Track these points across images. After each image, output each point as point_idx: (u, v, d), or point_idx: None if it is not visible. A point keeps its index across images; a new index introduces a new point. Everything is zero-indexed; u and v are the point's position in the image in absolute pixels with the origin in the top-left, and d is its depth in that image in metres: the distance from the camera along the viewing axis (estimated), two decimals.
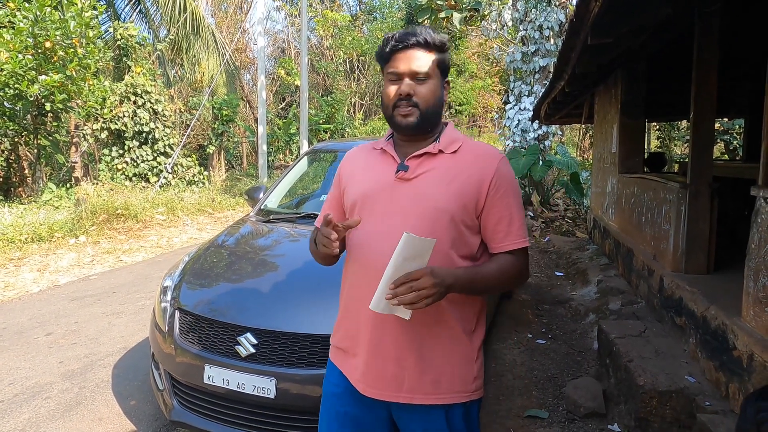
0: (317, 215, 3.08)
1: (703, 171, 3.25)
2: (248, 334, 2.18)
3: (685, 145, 14.11)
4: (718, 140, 9.22)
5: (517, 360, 3.65)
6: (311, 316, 2.20)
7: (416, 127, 1.35)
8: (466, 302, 1.37)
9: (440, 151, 1.37)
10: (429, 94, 1.34)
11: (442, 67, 1.38)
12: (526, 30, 9.55)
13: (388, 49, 1.34)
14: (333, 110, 18.94)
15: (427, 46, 1.33)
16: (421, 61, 1.32)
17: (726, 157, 9.91)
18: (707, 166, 3.25)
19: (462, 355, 1.37)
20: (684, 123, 13.69)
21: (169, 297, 2.56)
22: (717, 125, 9.62)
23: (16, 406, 2.89)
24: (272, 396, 2.09)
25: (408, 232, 1.17)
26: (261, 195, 3.61)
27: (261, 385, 2.10)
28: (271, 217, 3.20)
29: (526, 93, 9.82)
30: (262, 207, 3.45)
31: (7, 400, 2.96)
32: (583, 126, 16.25)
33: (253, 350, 2.15)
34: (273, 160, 16.79)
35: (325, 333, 2.13)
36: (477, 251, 1.37)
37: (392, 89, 1.34)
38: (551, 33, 9.55)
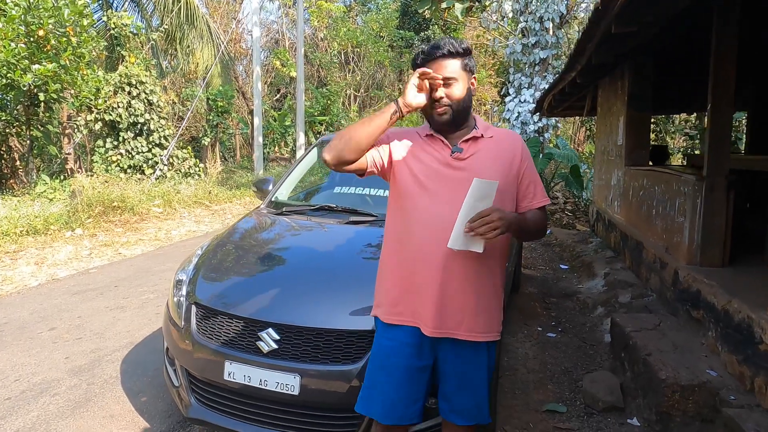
0: (331, 207, 3.05)
1: (720, 164, 3.22)
2: (270, 330, 2.11)
3: (682, 138, 14.16)
4: None
5: (530, 354, 3.63)
6: (335, 312, 2.15)
7: (450, 123, 1.66)
8: (501, 261, 1.72)
9: (482, 135, 1.69)
10: (458, 94, 1.62)
11: (468, 68, 1.65)
12: (526, 21, 9.50)
13: (419, 61, 1.63)
14: (328, 102, 18.79)
15: (451, 54, 1.61)
16: (449, 68, 1.61)
17: None
18: (724, 158, 3.23)
19: (498, 303, 1.74)
20: (679, 116, 13.72)
21: (184, 291, 2.49)
22: None
23: (24, 403, 2.81)
24: (296, 393, 2.03)
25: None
26: (270, 187, 3.53)
27: (284, 382, 2.05)
28: (284, 209, 3.13)
29: (526, 85, 9.77)
30: (272, 199, 3.38)
31: (14, 397, 2.88)
32: (578, 119, 16.23)
33: (275, 346, 2.09)
34: (268, 153, 16.65)
35: (349, 328, 2.08)
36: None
37: (435, 96, 1.62)
38: (552, 25, 9.50)
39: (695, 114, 11.87)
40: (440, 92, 1.60)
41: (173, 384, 2.45)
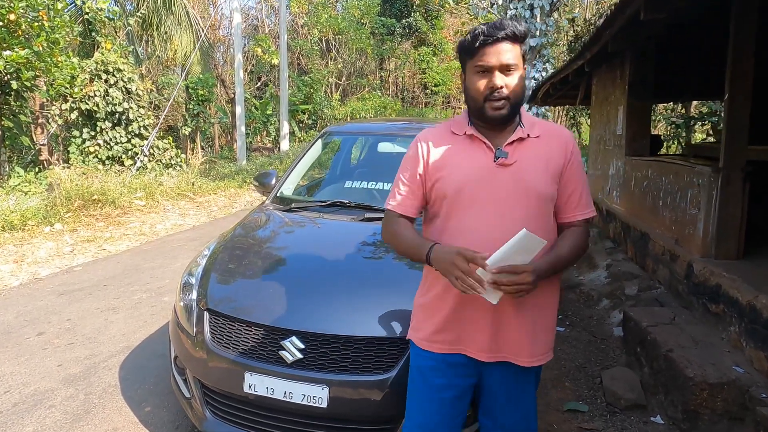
0: (343, 203, 2.90)
1: (737, 155, 3.17)
2: (293, 338, 1.98)
3: (663, 126, 14.28)
4: (707, 122, 9.32)
5: None
6: (363, 318, 2.02)
7: (506, 119, 1.44)
8: (560, 275, 1.58)
9: (528, 136, 1.47)
10: (518, 86, 1.41)
11: (523, 56, 1.44)
12: (516, 9, 9.38)
13: (477, 44, 1.37)
14: (311, 90, 18.46)
15: (514, 38, 1.38)
16: (510, 54, 1.38)
17: (712, 139, 10.05)
18: (741, 149, 3.17)
19: (555, 319, 1.59)
20: (661, 105, 13.83)
21: (193, 295, 2.33)
22: (704, 108, 9.70)
23: (17, 417, 2.62)
24: (324, 405, 1.90)
25: (526, 228, 1.28)
26: (273, 181, 3.36)
27: (311, 394, 1.92)
28: (293, 205, 2.97)
29: None
30: (277, 194, 3.21)
31: (6, 411, 2.68)
32: (562, 108, 16.27)
33: (300, 356, 1.95)
34: (251, 142, 16.28)
35: (380, 335, 1.96)
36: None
37: (482, 83, 1.40)
38: (541, 12, 9.40)
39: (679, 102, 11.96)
40: (499, 80, 1.37)
41: (184, 395, 2.30)
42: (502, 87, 1.38)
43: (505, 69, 1.38)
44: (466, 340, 1.49)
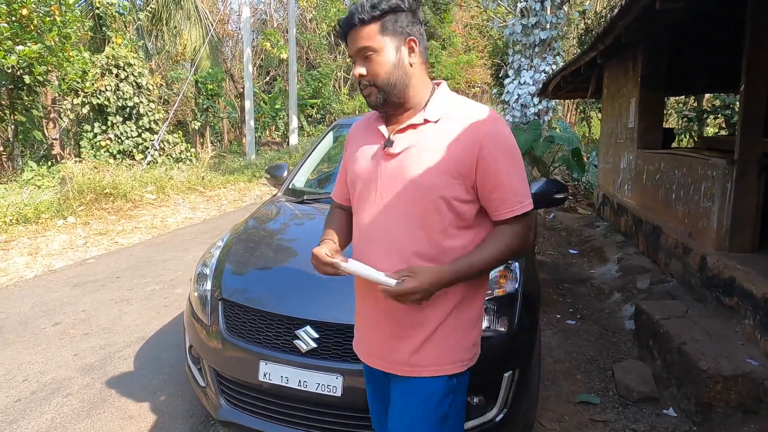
0: None
1: (752, 147, 3.14)
2: (308, 327, 1.99)
3: (674, 118, 14.14)
4: (720, 115, 9.22)
5: (552, 342, 3.56)
6: None
7: (383, 104, 1.30)
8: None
9: (425, 121, 1.29)
10: (379, 67, 1.26)
11: (393, 30, 1.26)
12: (526, 1, 9.30)
13: (339, 41, 1.33)
14: (319, 84, 18.46)
15: (365, 21, 1.24)
16: (363, 38, 1.25)
17: (725, 132, 9.93)
18: (757, 141, 3.14)
19: (462, 327, 1.34)
20: (673, 99, 13.68)
21: (208, 286, 2.35)
22: (717, 101, 9.59)
23: (35, 405, 2.66)
24: (338, 394, 1.92)
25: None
26: (285, 174, 3.37)
27: (326, 383, 1.93)
28: (305, 197, 2.98)
29: (526, 67, 9.62)
30: (289, 186, 3.22)
31: (25, 399, 2.72)
32: (572, 102, 16.15)
33: (314, 345, 1.97)
34: (260, 137, 16.33)
35: None
36: (474, 220, 1.30)
37: (354, 74, 1.33)
38: (551, 5, 9.32)
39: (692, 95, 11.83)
40: (357, 68, 1.28)
41: (199, 384, 2.33)
42: (362, 74, 1.28)
43: (361, 55, 1.27)
44: (367, 346, 1.44)
